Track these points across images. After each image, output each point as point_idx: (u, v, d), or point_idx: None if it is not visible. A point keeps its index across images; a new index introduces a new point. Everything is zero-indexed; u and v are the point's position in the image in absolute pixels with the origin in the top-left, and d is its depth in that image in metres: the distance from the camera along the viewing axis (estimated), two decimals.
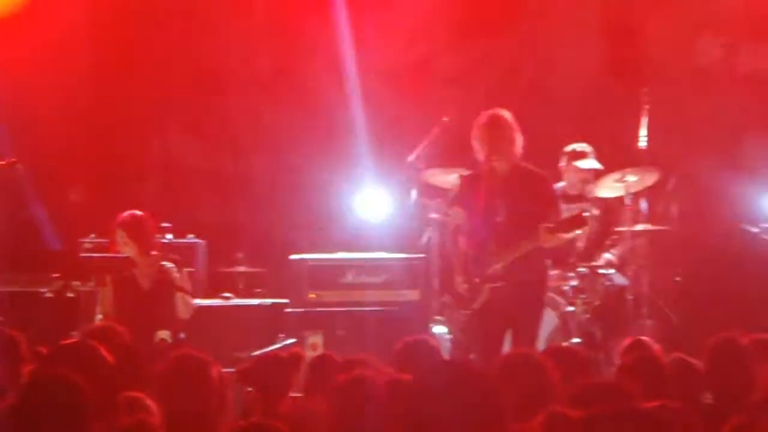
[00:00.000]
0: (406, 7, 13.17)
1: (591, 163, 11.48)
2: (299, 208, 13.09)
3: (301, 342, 10.52)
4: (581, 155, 11.48)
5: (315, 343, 10.60)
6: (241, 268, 12.22)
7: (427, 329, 10.82)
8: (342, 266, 11.29)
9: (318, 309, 11.13)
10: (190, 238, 11.77)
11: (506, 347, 9.61)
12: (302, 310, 11.16)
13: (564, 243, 9.93)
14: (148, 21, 13.36)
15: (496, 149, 9.59)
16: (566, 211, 10.37)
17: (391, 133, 12.99)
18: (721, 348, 6.37)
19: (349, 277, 11.24)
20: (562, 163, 11.50)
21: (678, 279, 12.36)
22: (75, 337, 9.24)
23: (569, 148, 11.55)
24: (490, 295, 9.58)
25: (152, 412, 5.47)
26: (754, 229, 11.50)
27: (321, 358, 7.06)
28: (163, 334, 9.81)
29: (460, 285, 9.79)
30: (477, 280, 9.62)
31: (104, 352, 5.80)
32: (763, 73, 13.21)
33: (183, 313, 10.02)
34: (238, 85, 13.50)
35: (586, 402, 4.98)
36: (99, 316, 10.02)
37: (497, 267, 9.57)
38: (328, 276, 11.24)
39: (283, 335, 10.95)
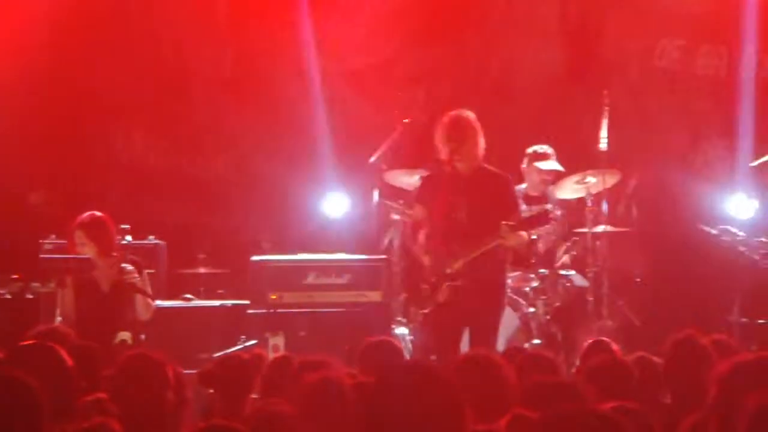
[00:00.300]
0: (369, 9, 13.17)
1: (552, 165, 11.53)
2: (261, 209, 13.07)
3: (262, 343, 10.50)
4: (543, 156, 11.53)
5: (276, 345, 10.59)
6: (203, 270, 12.19)
7: (388, 330, 10.82)
8: (304, 267, 11.28)
9: (280, 310, 11.12)
10: (151, 240, 11.72)
11: (465, 347, 9.63)
12: (264, 311, 11.15)
13: (524, 243, 9.95)
14: (110, 20, 13.30)
15: (459, 150, 9.61)
16: (527, 212, 10.42)
17: (353, 134, 12.99)
18: (681, 347, 6.40)
19: (311, 279, 11.23)
20: (524, 165, 11.55)
21: (638, 280, 12.42)
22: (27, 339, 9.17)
23: (531, 149, 11.59)
24: (448, 294, 9.59)
25: (114, 414, 5.44)
26: (713, 231, 11.57)
27: (282, 360, 7.04)
28: (124, 335, 9.76)
29: (419, 283, 9.80)
30: (434, 279, 9.64)
31: (63, 354, 5.77)
32: (721, 76, 13.30)
33: (142, 314, 9.97)
34: (200, 86, 13.46)
35: (541, 403, 5.01)
36: (59, 318, 9.96)
37: (456, 266, 9.59)
38: (289, 277, 11.23)
39: (245, 337, 10.94)
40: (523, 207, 10.55)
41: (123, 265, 9.94)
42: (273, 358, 7.37)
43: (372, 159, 11.34)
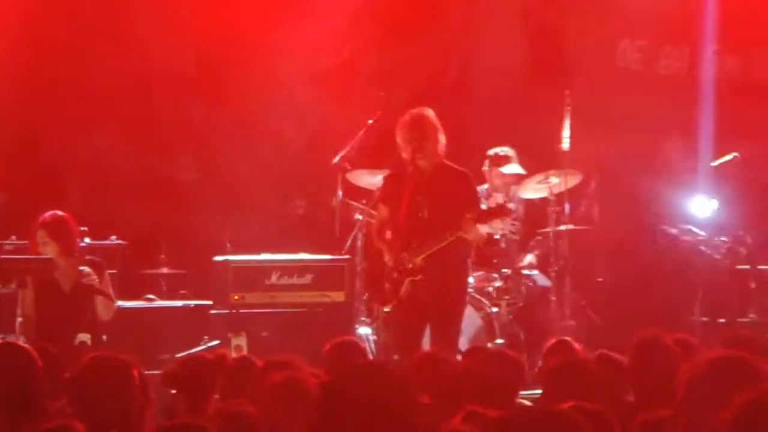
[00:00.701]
0: (331, 9, 13.16)
1: (514, 168, 11.55)
2: (224, 209, 13.03)
3: (225, 344, 10.47)
4: (504, 159, 11.56)
5: (239, 345, 10.56)
6: (165, 270, 12.14)
7: (352, 330, 10.82)
8: (266, 267, 11.26)
9: (242, 310, 11.10)
10: (113, 240, 11.67)
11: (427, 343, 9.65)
12: (226, 311, 11.12)
13: (483, 238, 9.98)
14: (72, 20, 13.22)
15: (420, 148, 9.64)
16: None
17: (316, 134, 12.98)
18: (646, 346, 6.42)
19: (274, 279, 11.21)
20: (485, 167, 11.58)
21: (600, 279, 12.47)
22: None
23: (492, 151, 11.61)
24: (411, 289, 9.60)
25: (78, 416, 5.41)
26: (674, 231, 11.63)
27: (244, 360, 7.03)
28: (83, 337, 9.69)
29: (382, 281, 9.80)
30: (396, 275, 9.66)
31: (33, 354, 5.73)
32: (682, 76, 13.38)
33: (103, 314, 9.91)
34: (164, 86, 13.40)
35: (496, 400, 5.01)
36: (19, 319, 9.90)
37: (418, 260, 9.61)
38: (252, 277, 11.21)
39: (207, 337, 10.91)
40: (483, 206, 10.57)
41: (80, 267, 9.87)
42: (235, 358, 7.34)
43: (335, 159, 11.33)
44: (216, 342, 10.66)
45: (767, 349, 6.74)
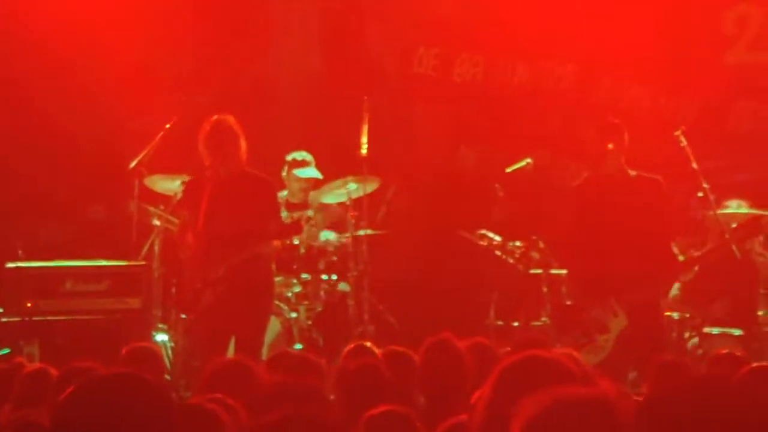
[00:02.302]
0: (131, 11, 12.97)
1: (310, 172, 11.61)
2: (15, 214, 12.71)
3: (17, 352, 10.23)
4: (301, 164, 11.61)
5: (31, 354, 10.33)
6: None
7: (149, 337, 10.69)
8: (61, 274, 11.03)
9: (36, 318, 10.85)
10: None
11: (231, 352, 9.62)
12: (18, 319, 10.86)
13: (277, 250, 10.05)
14: None
15: (221, 155, 9.60)
16: (288, 219, 10.50)
17: (113, 138, 12.78)
18: (435, 350, 6.53)
19: (69, 285, 10.99)
20: (284, 172, 11.60)
21: (398, 284, 12.61)
22: None
23: (290, 156, 11.65)
24: (213, 299, 9.57)
25: None
26: (470, 236, 11.84)
27: (37, 369, 6.87)
28: None
29: (184, 290, 9.74)
30: (199, 284, 9.60)
31: None
32: (477, 83, 13.63)
33: None
34: None
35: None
36: None
37: (220, 271, 9.57)
38: (46, 284, 10.96)
39: None
40: (284, 213, 10.61)
41: None
42: (27, 367, 7.18)
43: (132, 164, 11.18)
44: (6, 350, 10.40)
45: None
